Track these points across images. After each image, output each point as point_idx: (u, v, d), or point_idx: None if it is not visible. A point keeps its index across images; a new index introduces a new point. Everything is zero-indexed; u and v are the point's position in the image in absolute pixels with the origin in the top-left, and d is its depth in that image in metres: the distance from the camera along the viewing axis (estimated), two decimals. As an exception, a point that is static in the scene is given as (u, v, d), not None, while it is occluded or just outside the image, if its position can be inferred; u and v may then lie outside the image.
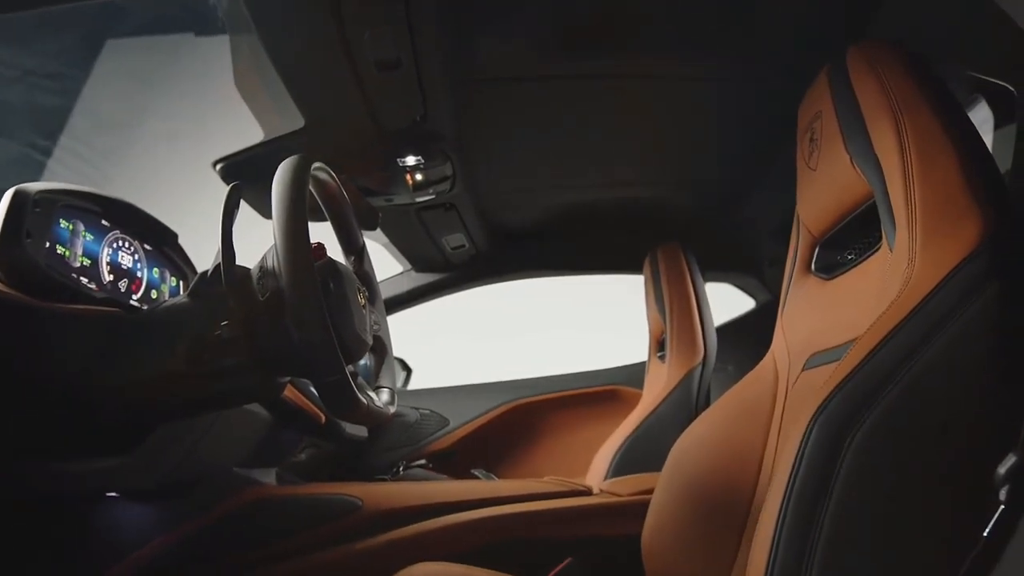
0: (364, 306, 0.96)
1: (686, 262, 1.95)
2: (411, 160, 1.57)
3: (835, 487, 0.61)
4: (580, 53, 1.35)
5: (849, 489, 0.61)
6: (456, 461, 2.19)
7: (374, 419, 0.87)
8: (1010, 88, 1.04)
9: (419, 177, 1.63)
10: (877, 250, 0.82)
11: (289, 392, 1.36)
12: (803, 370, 0.92)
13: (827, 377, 0.67)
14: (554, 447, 2.31)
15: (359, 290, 0.96)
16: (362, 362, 1.01)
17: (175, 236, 1.18)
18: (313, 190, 0.98)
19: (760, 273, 2.21)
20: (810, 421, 0.64)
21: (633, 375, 2.33)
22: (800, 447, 0.64)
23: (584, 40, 1.32)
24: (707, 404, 1.80)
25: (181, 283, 1.18)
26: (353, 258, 1.09)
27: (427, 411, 2.30)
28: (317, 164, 0.93)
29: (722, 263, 2.21)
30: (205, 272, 0.87)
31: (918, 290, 0.65)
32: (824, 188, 0.89)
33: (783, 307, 1.05)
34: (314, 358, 0.77)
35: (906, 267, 0.69)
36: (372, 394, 0.91)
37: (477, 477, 1.82)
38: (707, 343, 1.85)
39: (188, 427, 1.09)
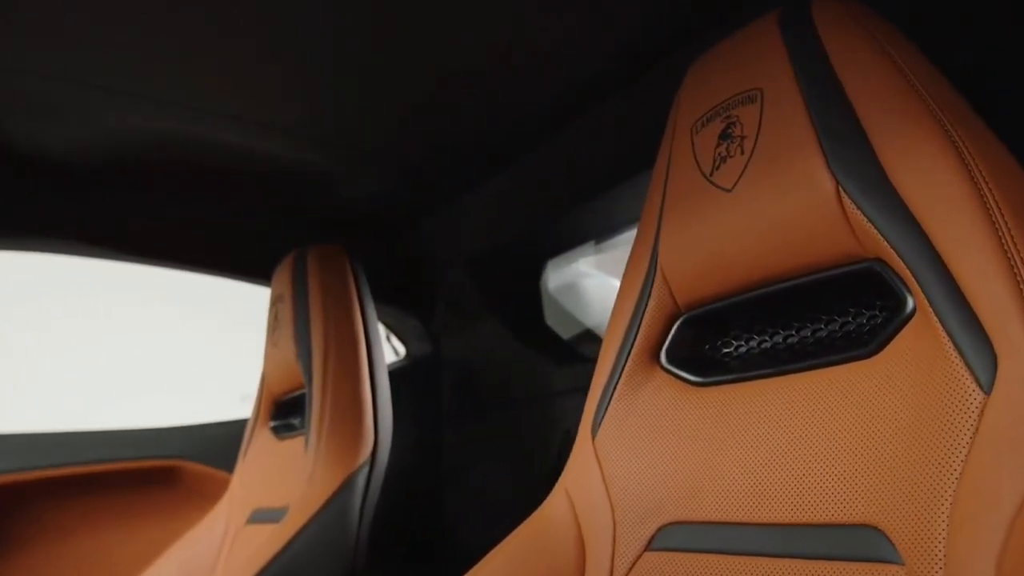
0: None
1: (355, 282, 1.20)
2: None
3: None
4: None
5: None
6: None
7: None
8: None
9: None
10: (858, 358, 0.51)
11: None
12: None
13: None
14: (63, 568, 1.32)
15: None
16: None
17: None
18: None
19: (429, 315, 1.56)
20: None
21: (206, 445, 1.46)
22: None
23: None
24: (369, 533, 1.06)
25: None
26: None
27: None
28: None
29: (384, 290, 1.49)
30: None
31: None
32: (754, 221, 0.56)
33: None
34: None
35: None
36: None
37: None
38: (380, 427, 1.11)
39: None
